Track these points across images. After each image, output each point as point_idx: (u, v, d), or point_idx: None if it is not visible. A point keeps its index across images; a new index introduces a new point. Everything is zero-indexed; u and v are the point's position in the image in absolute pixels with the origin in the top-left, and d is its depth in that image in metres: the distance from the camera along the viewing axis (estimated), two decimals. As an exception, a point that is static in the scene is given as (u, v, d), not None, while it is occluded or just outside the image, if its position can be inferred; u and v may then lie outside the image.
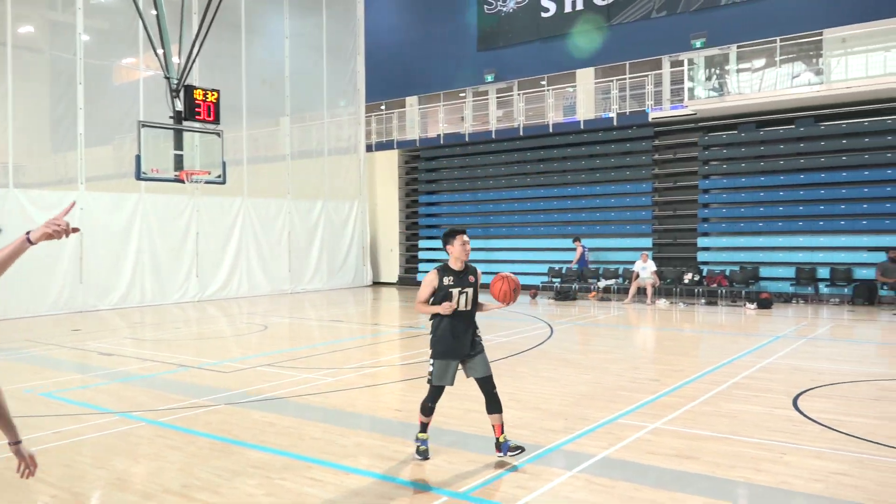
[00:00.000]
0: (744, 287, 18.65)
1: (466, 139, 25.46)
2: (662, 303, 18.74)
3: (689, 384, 8.67)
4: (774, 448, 6.08)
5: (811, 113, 19.15)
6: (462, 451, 6.09)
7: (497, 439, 5.81)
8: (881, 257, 17.14)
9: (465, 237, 5.88)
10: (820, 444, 6.17)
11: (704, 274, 19.44)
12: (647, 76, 22.00)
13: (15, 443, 2.93)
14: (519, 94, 24.82)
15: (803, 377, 9.00)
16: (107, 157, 19.91)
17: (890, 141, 18.18)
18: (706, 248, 20.55)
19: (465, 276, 5.83)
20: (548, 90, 24.16)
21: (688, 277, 19.30)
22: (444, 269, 5.83)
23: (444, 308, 5.66)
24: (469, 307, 5.83)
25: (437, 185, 26.80)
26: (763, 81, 20.71)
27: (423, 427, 5.91)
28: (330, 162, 25.37)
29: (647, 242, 21.35)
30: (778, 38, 19.60)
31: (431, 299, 5.80)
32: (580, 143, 23.32)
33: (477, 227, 25.37)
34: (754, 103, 19.48)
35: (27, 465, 2.93)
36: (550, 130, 23.54)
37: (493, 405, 5.81)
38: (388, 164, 27.33)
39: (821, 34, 19.30)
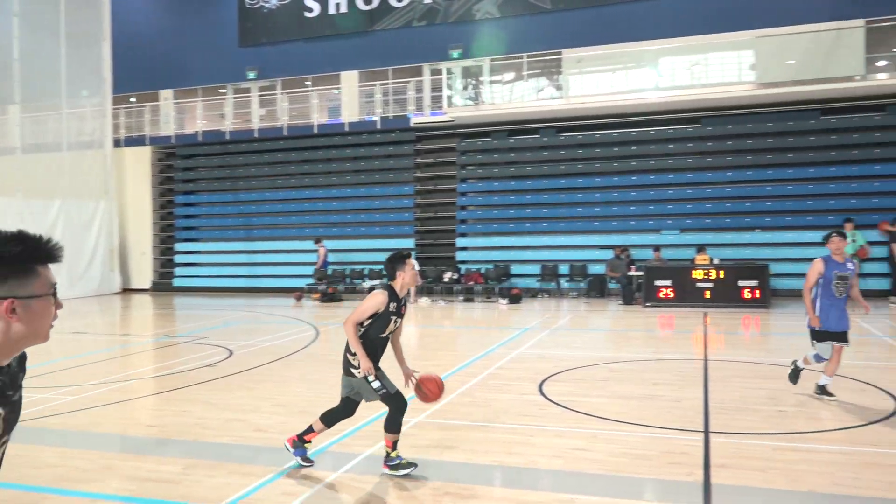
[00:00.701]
0: (497, 284, 20.06)
1: (227, 137, 24.47)
2: (424, 301, 19.52)
3: (448, 377, 9.11)
4: (523, 431, 6.62)
5: (553, 124, 21.13)
6: (224, 463, 5.85)
7: (301, 436, 5.68)
8: (610, 254, 19.39)
9: (413, 261, 5.54)
10: (561, 424, 6.83)
11: (462, 272, 20.59)
12: (408, 82, 22.77)
13: None
14: (282, 94, 24.39)
15: (547, 364, 9.89)
16: None
17: (616, 152, 20.65)
18: (464, 248, 21.77)
19: (402, 303, 5.47)
20: (312, 91, 24.02)
21: (447, 276, 20.31)
22: (392, 294, 5.37)
23: (367, 370, 5.26)
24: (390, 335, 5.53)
25: (196, 184, 25.43)
26: (513, 93, 22.46)
27: (395, 445, 5.46)
28: (70, 157, 22.92)
29: (410, 243, 22.10)
30: (525, 55, 21.37)
31: (367, 326, 5.32)
32: (345, 146, 23.51)
33: (239, 229, 24.51)
34: (505, 113, 21.05)
35: None
36: (315, 131, 23.45)
37: (333, 419, 5.67)
38: (140, 162, 25.38)
39: (560, 54, 21.37)
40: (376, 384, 5.33)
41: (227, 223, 24.82)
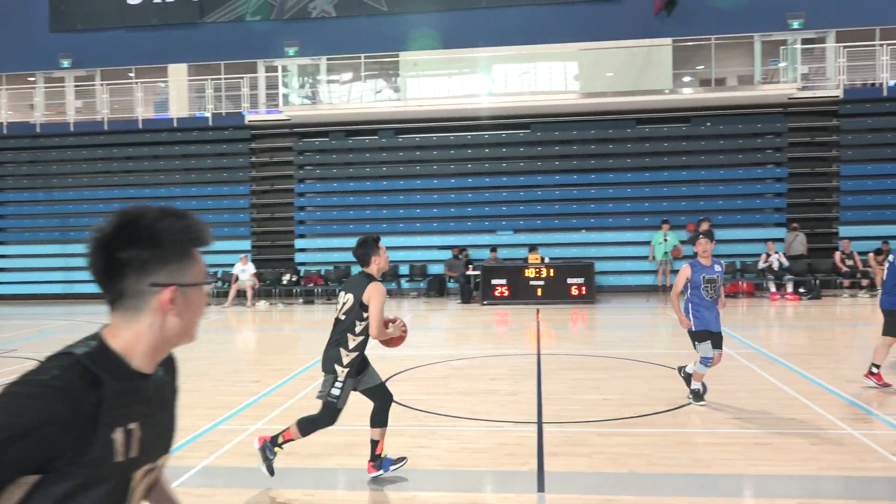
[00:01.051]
0: (337, 285, 19.89)
1: (38, 130, 22.39)
2: (262, 304, 18.96)
3: (288, 382, 8.94)
4: (365, 433, 6.60)
5: (391, 126, 21.29)
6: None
7: (378, 455, 5.37)
8: (448, 254, 19.86)
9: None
10: (402, 423, 6.91)
11: (302, 274, 20.23)
12: (242, 78, 22.00)
13: None
14: (102, 85, 22.68)
15: (390, 364, 9.94)
16: None
17: (453, 155, 21.19)
18: (303, 250, 21.39)
19: None
20: (136, 83, 22.55)
21: (286, 278, 19.86)
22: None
23: (403, 329, 5.40)
24: None
25: (1, 181, 23.02)
26: (351, 94, 22.38)
27: (286, 442, 5.26)
28: None
29: (247, 245, 21.35)
30: (362, 56, 21.36)
31: (367, 323, 5.28)
32: (174, 142, 22.27)
33: (53, 231, 22.48)
34: (343, 113, 20.94)
35: None
36: (140, 127, 22.02)
37: (384, 416, 5.39)
38: (-69, 155, 22.56)
39: (397, 56, 21.58)
40: (336, 391, 5.23)
41: (40, 224, 22.66)
